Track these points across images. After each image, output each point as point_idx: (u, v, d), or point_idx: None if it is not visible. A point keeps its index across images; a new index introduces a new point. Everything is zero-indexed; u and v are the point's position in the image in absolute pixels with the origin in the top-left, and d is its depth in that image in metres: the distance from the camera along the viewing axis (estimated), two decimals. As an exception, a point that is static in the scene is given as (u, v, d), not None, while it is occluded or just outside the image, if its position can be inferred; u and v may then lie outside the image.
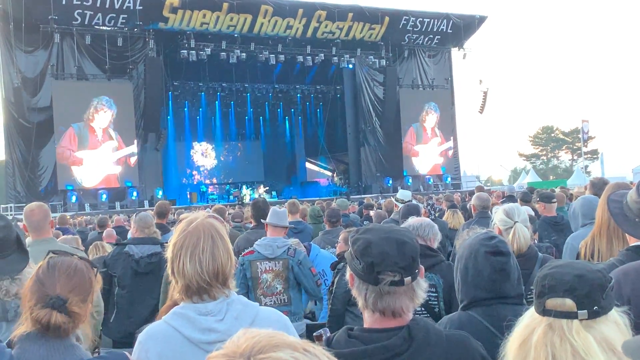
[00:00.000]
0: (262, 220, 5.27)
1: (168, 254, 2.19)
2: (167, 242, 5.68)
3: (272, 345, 0.91)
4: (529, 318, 1.65)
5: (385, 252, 1.78)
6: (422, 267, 1.87)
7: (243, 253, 5.03)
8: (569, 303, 1.58)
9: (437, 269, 3.84)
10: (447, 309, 3.68)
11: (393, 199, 9.19)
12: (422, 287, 1.85)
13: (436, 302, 3.76)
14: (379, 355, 1.74)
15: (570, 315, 1.57)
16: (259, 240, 5.04)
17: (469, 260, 2.48)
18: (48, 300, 2.03)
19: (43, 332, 2.03)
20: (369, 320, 1.85)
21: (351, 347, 1.76)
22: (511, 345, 1.65)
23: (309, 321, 5.32)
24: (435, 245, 4.06)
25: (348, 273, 1.89)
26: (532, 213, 6.14)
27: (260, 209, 6.35)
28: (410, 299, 1.82)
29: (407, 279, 1.78)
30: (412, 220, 4.13)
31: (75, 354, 2.06)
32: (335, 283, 4.85)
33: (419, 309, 3.64)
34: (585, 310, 1.57)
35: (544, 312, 1.61)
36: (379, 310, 1.80)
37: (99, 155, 28.86)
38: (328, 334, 1.92)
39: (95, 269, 2.20)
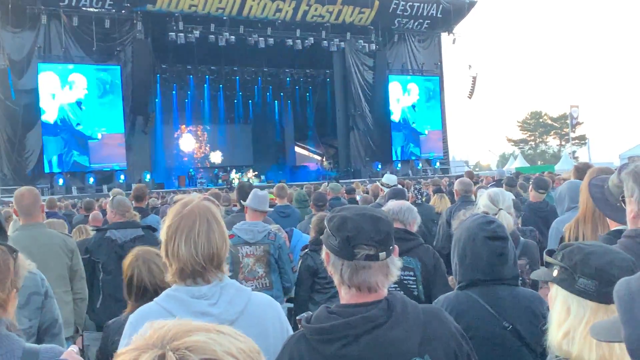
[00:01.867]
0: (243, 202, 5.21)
1: (162, 236, 2.15)
2: (148, 225, 5.64)
3: (185, 331, 0.89)
4: (592, 310, 1.68)
5: (361, 227, 1.82)
6: (396, 247, 1.90)
7: None
8: None
9: (415, 252, 3.85)
10: (426, 291, 3.70)
11: (379, 184, 9.18)
12: (396, 265, 1.89)
13: (415, 286, 3.78)
14: (360, 327, 1.77)
15: None
16: (238, 224, 4.94)
17: (467, 243, 2.50)
18: None
19: None
20: (345, 296, 1.88)
21: (332, 321, 1.79)
22: (587, 342, 1.66)
23: (291, 305, 5.30)
24: (414, 229, 4.04)
25: (323, 252, 1.91)
26: (515, 198, 6.17)
27: (245, 193, 6.30)
28: (384, 275, 1.85)
29: (382, 254, 1.82)
30: (392, 204, 4.10)
31: (8, 344, 1.95)
32: (299, 269, 4.85)
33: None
34: None
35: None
36: (355, 285, 1.83)
37: (86, 139, 28.67)
38: None
39: (15, 253, 2.06)
